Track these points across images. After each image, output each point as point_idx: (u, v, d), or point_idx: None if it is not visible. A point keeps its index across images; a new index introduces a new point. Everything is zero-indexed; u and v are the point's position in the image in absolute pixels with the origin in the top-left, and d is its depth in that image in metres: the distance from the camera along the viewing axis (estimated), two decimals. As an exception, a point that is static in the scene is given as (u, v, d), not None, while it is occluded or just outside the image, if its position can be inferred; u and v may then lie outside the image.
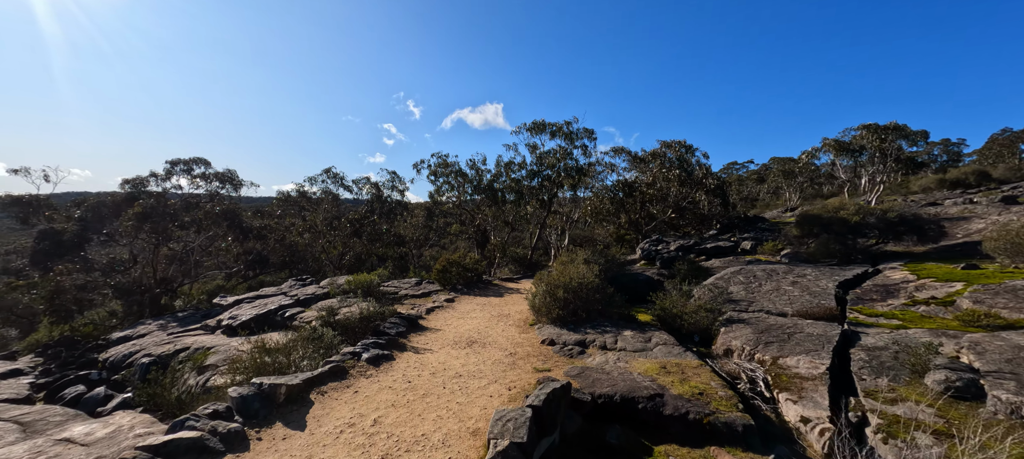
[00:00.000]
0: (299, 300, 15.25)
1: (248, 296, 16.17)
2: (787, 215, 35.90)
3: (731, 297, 10.19)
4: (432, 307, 12.64)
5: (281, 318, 13.64)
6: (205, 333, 14.87)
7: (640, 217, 30.59)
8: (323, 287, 17.10)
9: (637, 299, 12.11)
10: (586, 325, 9.21)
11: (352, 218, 27.25)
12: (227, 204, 35.37)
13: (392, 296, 15.54)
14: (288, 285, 18.10)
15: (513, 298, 14.30)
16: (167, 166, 30.22)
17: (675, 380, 5.93)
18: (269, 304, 14.62)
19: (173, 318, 19.31)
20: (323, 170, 29.81)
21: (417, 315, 11.24)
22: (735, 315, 8.98)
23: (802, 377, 5.84)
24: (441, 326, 10.35)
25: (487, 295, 14.89)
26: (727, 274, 12.15)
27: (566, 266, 11.14)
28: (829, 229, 13.80)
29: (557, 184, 21.74)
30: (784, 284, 10.52)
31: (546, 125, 22.03)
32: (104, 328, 26.11)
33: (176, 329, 16.43)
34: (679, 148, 26.22)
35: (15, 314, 29.08)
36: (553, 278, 10.12)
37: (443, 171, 21.86)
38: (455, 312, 12.11)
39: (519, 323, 10.54)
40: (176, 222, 29.13)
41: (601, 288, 9.98)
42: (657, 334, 8.30)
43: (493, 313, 11.85)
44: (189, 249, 33.71)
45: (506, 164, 22.37)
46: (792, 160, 63.75)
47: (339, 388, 6.05)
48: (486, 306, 12.95)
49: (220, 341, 12.88)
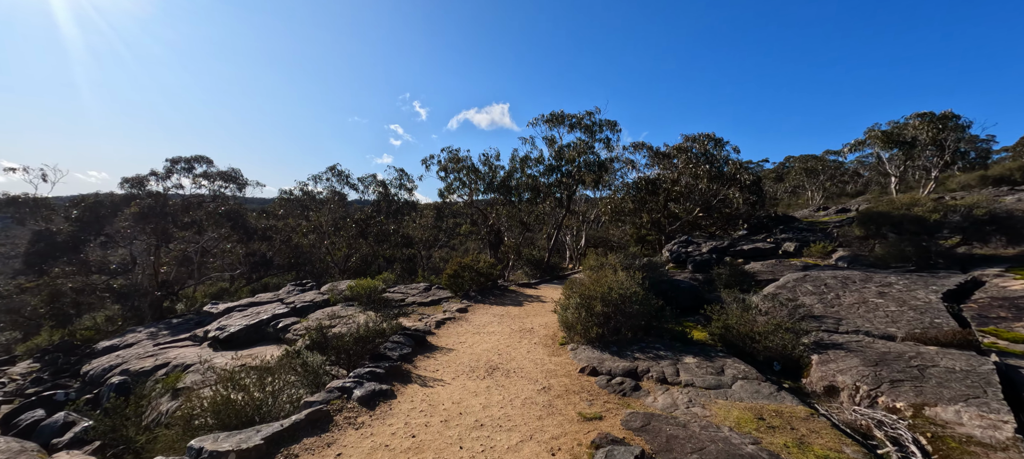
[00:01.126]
0: (296, 308, 13.74)
1: (240, 304, 14.71)
2: (820, 214, 33.54)
3: (808, 312, 8.33)
4: (443, 318, 10.99)
5: (273, 330, 12.13)
6: (193, 344, 13.44)
7: (662, 216, 28.64)
8: (323, 294, 15.59)
9: (682, 311, 10.31)
10: (633, 347, 7.46)
11: (358, 218, 25.80)
12: (231, 204, 34.25)
13: (398, 304, 13.95)
14: (286, 290, 16.63)
15: (534, 308, 12.59)
16: (167, 164, 29.09)
17: (789, 443, 4.16)
18: (262, 313, 13.12)
19: (166, 325, 17.94)
20: (328, 167, 28.47)
21: (425, 330, 9.60)
22: (825, 337, 7.14)
23: (980, 442, 4.02)
24: (454, 344, 8.68)
25: (504, 303, 13.20)
26: (789, 282, 10.28)
27: (600, 273, 9.38)
28: (899, 229, 11.82)
29: (578, 180, 19.98)
30: (869, 295, 8.64)
31: (565, 117, 20.27)
32: (104, 332, 25.01)
33: (165, 338, 15.04)
34: (706, 141, 24.23)
35: (22, 316, 28.18)
36: (588, 288, 8.38)
37: (454, 167, 20.23)
38: (470, 325, 10.43)
39: (546, 341, 8.82)
40: (175, 223, 28.01)
41: (647, 300, 8.22)
42: (729, 362, 6.52)
43: (514, 327, 10.15)
44: (191, 251, 32.68)
45: (522, 159, 20.65)
46: (815, 158, 60.98)
47: (316, 448, 4.39)
48: (504, 317, 11.25)
49: (205, 355, 11.40)
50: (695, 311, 11.19)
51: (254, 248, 33.45)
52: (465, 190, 21.25)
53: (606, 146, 20.38)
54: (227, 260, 35.43)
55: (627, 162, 28.98)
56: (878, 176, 65.81)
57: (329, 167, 28.57)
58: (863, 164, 68.59)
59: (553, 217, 26.44)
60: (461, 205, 26.31)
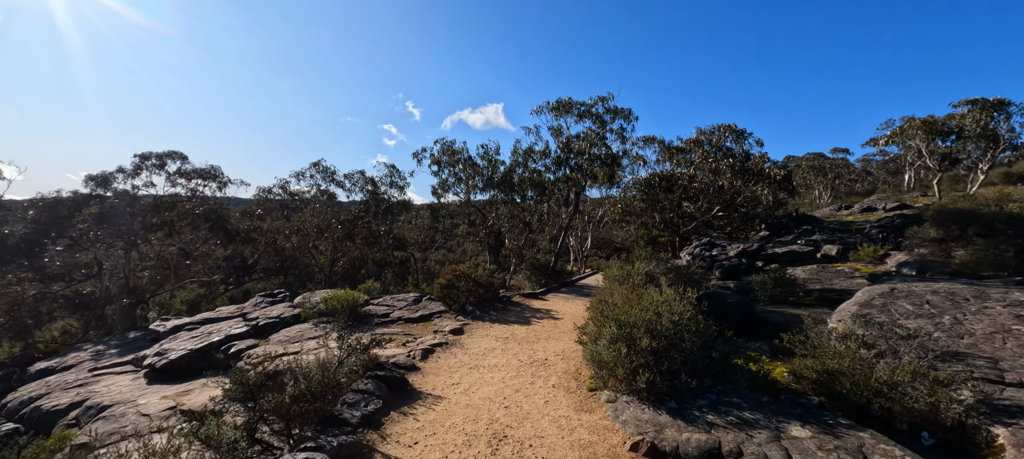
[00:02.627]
0: (257, 326, 11.44)
1: (191, 321, 12.39)
2: (842, 213, 31.40)
3: (937, 346, 6.09)
4: (432, 344, 8.71)
5: (224, 355, 9.83)
6: (132, 371, 11.10)
7: (676, 216, 26.44)
8: (295, 307, 13.30)
9: (733, 333, 8.06)
10: (698, 401, 5.22)
11: (344, 219, 23.47)
12: (211, 204, 31.88)
13: (381, 320, 11.68)
14: (253, 303, 14.31)
15: (545, 327, 10.32)
16: (136, 160, 26.68)
17: None
18: (213, 334, 10.81)
19: (120, 341, 15.52)
20: (312, 164, 26.12)
21: (407, 364, 7.33)
22: (995, 393, 4.91)
23: None
24: (443, 389, 6.42)
25: (508, 321, 10.94)
26: (873, 299, 8.08)
27: (638, 291, 7.15)
28: (991, 230, 9.63)
29: (588, 176, 17.75)
30: (1005, 319, 6.43)
31: (573, 104, 18.03)
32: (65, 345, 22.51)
33: (108, 361, 12.68)
34: (726, 133, 22.03)
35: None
36: (623, 310, 6.14)
37: (449, 161, 17.94)
38: (466, 354, 8.17)
39: (568, 382, 6.57)
40: (144, 224, 25.59)
41: (707, 329, 5.99)
42: (866, 440, 4.27)
43: (522, 357, 7.89)
44: (168, 254, 30.26)
45: (525, 151, 18.37)
46: (822, 156, 59.15)
47: None
48: (510, 342, 8.99)
49: (130, 393, 9.10)
50: (749, 334, 8.97)
51: (234, 251, 31.03)
52: (461, 187, 18.97)
53: (619, 138, 18.15)
54: (209, 264, 32.95)
55: (636, 158, 26.78)
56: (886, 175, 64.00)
57: (313, 163, 26.25)
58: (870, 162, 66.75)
59: (559, 217, 24.19)
60: (458, 204, 24.07)
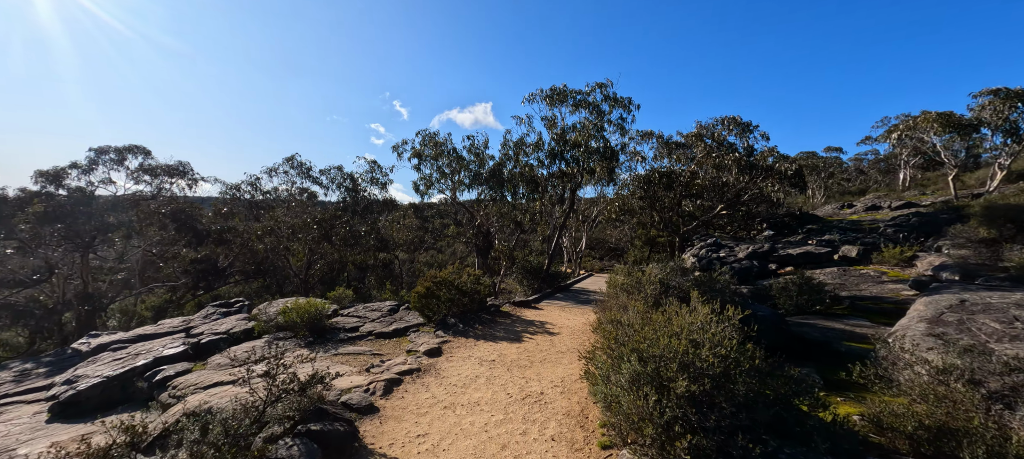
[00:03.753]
0: (199, 345, 9.63)
1: (122, 338, 10.51)
2: (845, 212, 30.36)
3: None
4: (401, 371, 7.03)
5: (148, 383, 8.03)
6: (41, 401, 9.26)
7: (676, 215, 25.02)
8: (251, 319, 11.49)
9: (765, 351, 6.53)
10: (761, 473, 3.62)
11: (320, 219, 21.59)
12: (180, 203, 29.66)
13: (349, 335, 9.96)
14: (203, 315, 12.45)
15: (539, 344, 8.70)
16: (91, 155, 24.44)
17: None
18: (143, 355, 8.99)
19: (55, 358, 13.51)
20: (285, 159, 24.14)
21: (362, 404, 5.65)
22: None
23: None
24: (405, 445, 4.75)
25: (496, 336, 9.29)
26: (941, 312, 6.60)
27: (660, 309, 5.57)
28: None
29: (585, 171, 16.18)
30: None
31: (568, 93, 16.44)
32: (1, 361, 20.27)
33: (32, 382, 10.74)
34: (731, 126, 20.64)
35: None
36: (645, 338, 4.54)
37: (432, 154, 16.22)
38: (441, 386, 6.51)
39: (570, 429, 4.97)
40: (98, 225, 23.40)
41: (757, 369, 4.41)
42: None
43: (512, 391, 6.26)
44: (128, 257, 28.00)
45: (516, 143, 16.71)
46: (815, 155, 58.82)
47: None
48: (497, 366, 7.35)
49: (27, 432, 7.28)
50: (786, 355, 7.43)
51: (203, 254, 28.85)
52: (446, 183, 17.25)
53: (619, 130, 16.60)
54: (177, 268, 30.72)
55: (633, 154, 25.31)
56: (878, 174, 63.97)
57: (286, 158, 24.26)
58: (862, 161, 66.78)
59: (552, 216, 22.59)
60: (445, 204, 22.33)
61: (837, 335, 8.17)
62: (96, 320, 26.51)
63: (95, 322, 26.19)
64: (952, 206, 17.42)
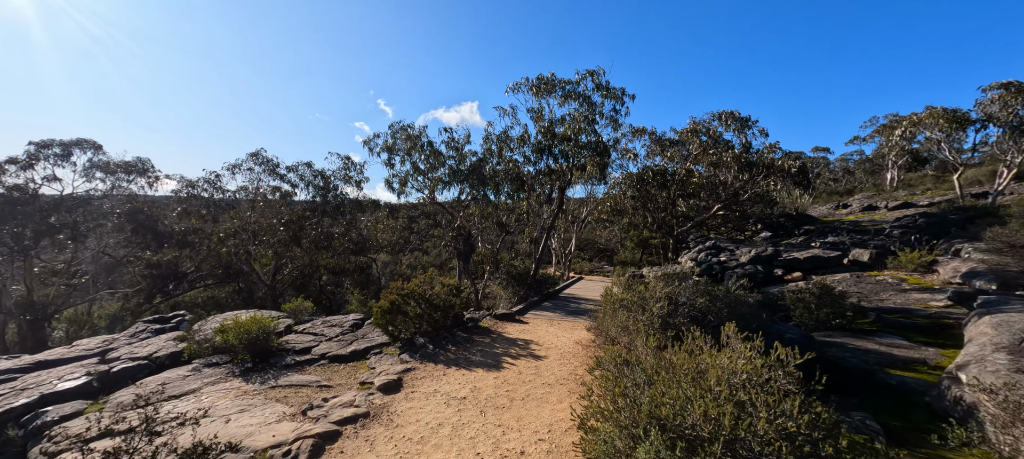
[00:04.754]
0: (108, 374, 7.90)
1: (15, 366, 8.65)
2: (841, 212, 29.61)
3: None
4: (343, 419, 5.47)
5: (24, 430, 6.32)
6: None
7: (670, 215, 23.84)
8: (181, 339, 9.75)
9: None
10: None
11: (287, 220, 19.78)
12: (139, 202, 27.39)
13: (298, 358, 8.35)
14: (130, 333, 10.66)
15: (522, 372, 7.20)
16: (31, 149, 22.13)
17: None
18: (30, 389, 7.24)
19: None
20: (249, 154, 22.21)
21: (272, 481, 4.09)
22: None
23: None
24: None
25: (471, 363, 7.77)
26: (1002, 338, 5.34)
27: (692, 355, 4.14)
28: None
29: (575, 167, 14.80)
30: None
31: (557, 83, 15.03)
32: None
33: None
34: (728, 121, 19.49)
35: None
36: (671, 399, 3.10)
37: (404, 148, 14.61)
38: (392, 441, 4.97)
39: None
40: (38, 226, 21.17)
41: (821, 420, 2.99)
42: None
43: (483, 448, 4.76)
44: (75, 261, 25.66)
45: (499, 137, 15.20)
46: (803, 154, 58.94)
47: None
48: (467, 407, 5.84)
49: None
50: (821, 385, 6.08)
51: (168, 257, 26.65)
52: (423, 181, 15.66)
53: (611, 123, 15.22)
54: (139, 271, 28.39)
55: (625, 151, 24.01)
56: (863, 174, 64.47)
57: (251, 154, 22.32)
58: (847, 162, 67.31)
59: (540, 217, 21.15)
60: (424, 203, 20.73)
61: (876, 360, 6.88)
62: (44, 331, 24.27)
63: (43, 333, 23.97)
64: (959, 206, 16.51)
